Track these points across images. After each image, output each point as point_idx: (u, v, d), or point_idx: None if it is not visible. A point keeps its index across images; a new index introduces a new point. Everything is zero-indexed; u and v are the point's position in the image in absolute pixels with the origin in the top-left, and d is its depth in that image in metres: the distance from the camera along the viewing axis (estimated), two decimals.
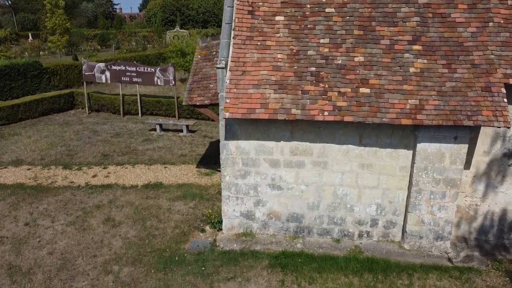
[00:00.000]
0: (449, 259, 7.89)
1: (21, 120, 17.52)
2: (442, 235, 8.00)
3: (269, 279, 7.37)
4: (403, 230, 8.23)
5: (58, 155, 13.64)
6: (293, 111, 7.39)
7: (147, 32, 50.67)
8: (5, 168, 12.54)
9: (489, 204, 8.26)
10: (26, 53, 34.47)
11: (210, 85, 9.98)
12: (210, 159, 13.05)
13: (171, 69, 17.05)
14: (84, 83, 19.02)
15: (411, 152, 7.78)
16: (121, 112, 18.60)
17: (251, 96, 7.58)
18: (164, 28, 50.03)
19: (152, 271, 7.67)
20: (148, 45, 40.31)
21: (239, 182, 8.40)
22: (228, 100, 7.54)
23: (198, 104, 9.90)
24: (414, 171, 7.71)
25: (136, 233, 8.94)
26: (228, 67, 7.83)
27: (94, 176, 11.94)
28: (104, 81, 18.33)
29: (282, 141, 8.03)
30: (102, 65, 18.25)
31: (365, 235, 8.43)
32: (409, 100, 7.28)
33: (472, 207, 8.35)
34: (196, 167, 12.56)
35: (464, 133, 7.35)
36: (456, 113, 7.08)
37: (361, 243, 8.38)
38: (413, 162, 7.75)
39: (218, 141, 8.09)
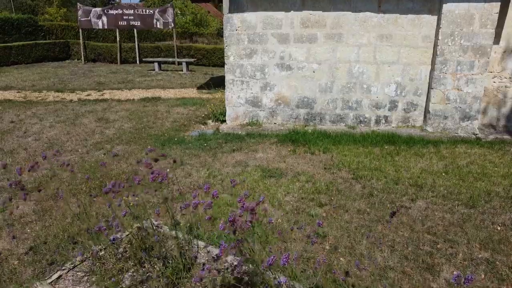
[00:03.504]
0: (478, 139, 7.12)
1: (13, 64, 16.77)
2: (469, 114, 7.23)
3: (279, 149, 6.60)
4: (426, 111, 7.46)
5: (51, 84, 12.88)
6: None
7: None
8: None
9: None
10: None
11: None
12: (213, 84, 12.29)
13: (170, 10, 16.32)
14: (80, 30, 18.28)
15: (435, 17, 7.02)
16: (118, 60, 17.86)
17: None
18: None
19: (148, 147, 6.89)
20: None
21: (244, 62, 7.64)
22: None
23: None
24: (440, 38, 6.95)
25: (131, 125, 8.18)
26: None
27: (87, 95, 11.19)
28: (100, 26, 17.58)
29: (292, 11, 7.28)
30: (98, 9, 17.51)
31: (383, 121, 7.66)
32: None
33: (500, 90, 7.59)
34: (197, 89, 11.81)
35: None
36: None
37: (378, 129, 7.60)
38: (438, 29, 6.99)
39: (219, 76, 7.43)
